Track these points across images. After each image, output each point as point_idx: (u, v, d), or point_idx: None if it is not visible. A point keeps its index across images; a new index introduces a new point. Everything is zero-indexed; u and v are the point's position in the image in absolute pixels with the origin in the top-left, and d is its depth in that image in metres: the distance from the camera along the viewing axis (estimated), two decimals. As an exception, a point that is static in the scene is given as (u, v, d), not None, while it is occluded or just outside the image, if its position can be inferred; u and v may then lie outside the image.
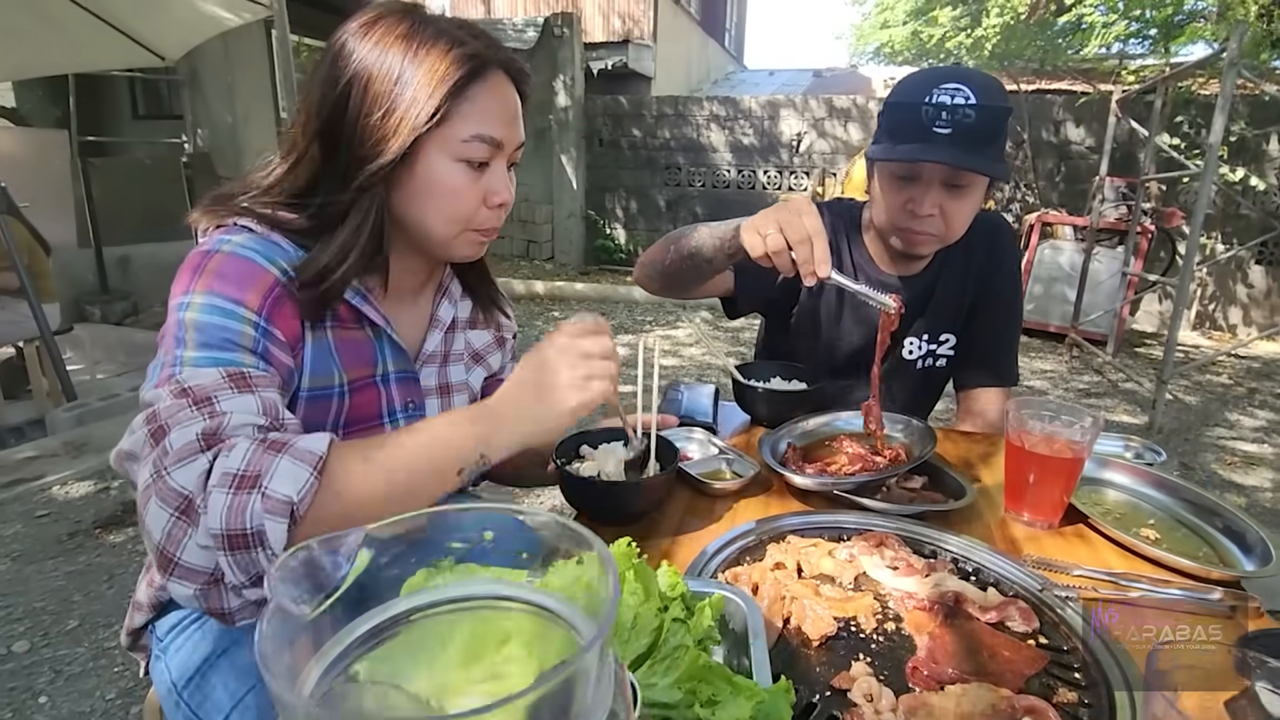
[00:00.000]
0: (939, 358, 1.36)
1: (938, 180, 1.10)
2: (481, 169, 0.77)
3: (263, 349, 0.70)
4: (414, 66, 0.71)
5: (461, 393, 0.95)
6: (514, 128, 0.79)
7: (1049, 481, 0.84)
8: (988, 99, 1.05)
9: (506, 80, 0.78)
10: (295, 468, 0.61)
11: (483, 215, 0.80)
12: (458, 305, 0.96)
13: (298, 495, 0.60)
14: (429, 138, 0.73)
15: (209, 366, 0.66)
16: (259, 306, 0.70)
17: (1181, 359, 4.82)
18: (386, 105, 0.71)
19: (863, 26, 12.60)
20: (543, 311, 6.27)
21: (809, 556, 0.77)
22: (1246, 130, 5.68)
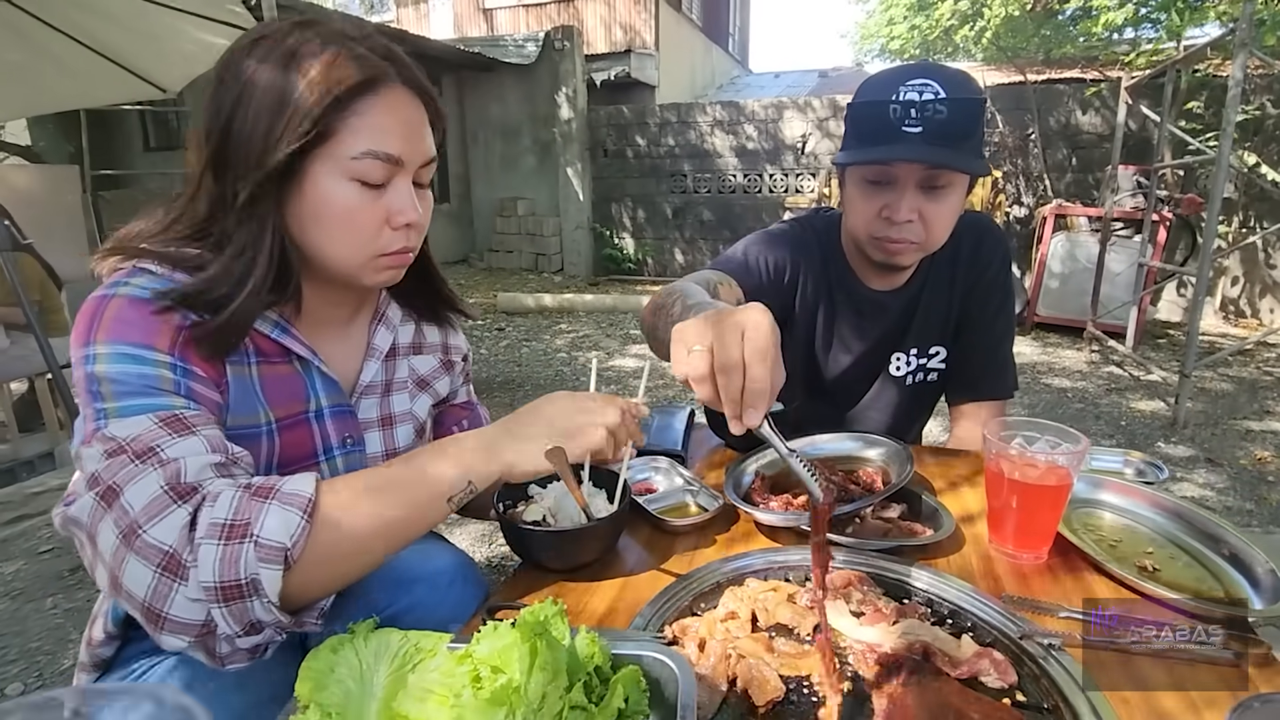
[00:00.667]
0: (930, 372, 1.28)
1: (913, 182, 1.03)
2: (380, 189, 0.72)
3: (186, 389, 0.66)
4: (298, 79, 0.66)
5: (406, 423, 0.90)
6: (415, 143, 0.73)
7: (1033, 511, 0.77)
8: (958, 92, 0.98)
9: (406, 93, 0.72)
10: (285, 512, 0.60)
11: (387, 238, 0.74)
12: (397, 331, 0.90)
13: (290, 540, 0.59)
14: (316, 155, 0.68)
15: (136, 415, 0.62)
16: (169, 347, 0.66)
17: (1206, 349, 4.65)
18: (268, 121, 0.66)
19: (867, 24, 12.54)
20: (551, 324, 6.25)
21: (766, 603, 0.71)
22: (1266, 110, 5.49)
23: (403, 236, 0.75)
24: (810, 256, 1.21)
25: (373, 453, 0.85)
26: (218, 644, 0.61)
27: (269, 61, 0.67)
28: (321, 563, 0.62)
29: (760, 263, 1.18)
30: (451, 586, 0.76)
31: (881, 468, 0.97)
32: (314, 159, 0.68)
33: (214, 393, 0.69)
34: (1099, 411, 3.94)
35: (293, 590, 0.61)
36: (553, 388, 4.47)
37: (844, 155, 1.07)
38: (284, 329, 0.75)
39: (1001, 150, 6.59)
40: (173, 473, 0.60)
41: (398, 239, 0.74)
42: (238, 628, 0.59)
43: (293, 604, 0.63)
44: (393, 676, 0.58)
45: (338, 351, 0.83)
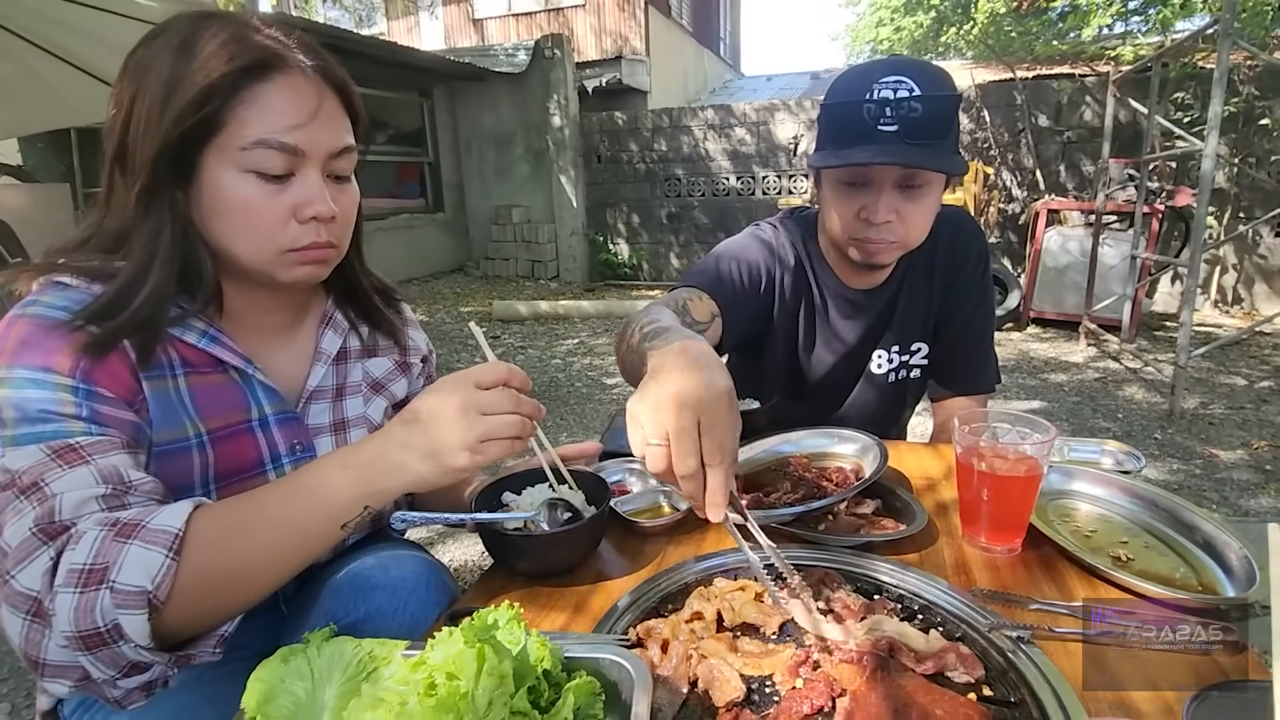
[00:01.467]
0: (912, 369, 1.28)
1: (890, 182, 1.02)
2: (283, 181, 0.68)
3: (89, 412, 0.63)
4: (186, 67, 0.64)
5: (360, 426, 0.88)
6: (318, 132, 0.69)
7: (1004, 503, 0.76)
8: (932, 88, 0.97)
9: (307, 79, 0.69)
10: (147, 553, 0.57)
11: (294, 232, 0.70)
12: (347, 335, 0.88)
13: (153, 583, 0.56)
14: (210, 148, 0.66)
15: (29, 444, 0.60)
16: (71, 369, 0.63)
17: (1202, 339, 4.63)
18: (159, 112, 0.64)
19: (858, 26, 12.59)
20: (547, 331, 6.24)
21: (733, 603, 0.70)
22: (1253, 101, 5.50)
23: (313, 230, 0.71)
24: (786, 259, 1.20)
25: None
26: (101, 688, 0.58)
27: (164, 52, 0.65)
28: (199, 597, 0.59)
29: (734, 272, 1.16)
30: (413, 594, 0.75)
31: (856, 463, 0.96)
32: (209, 152, 0.66)
33: (125, 412, 0.66)
34: (1096, 404, 3.93)
35: (171, 628, 0.59)
36: (546, 394, 4.47)
37: (819, 157, 1.05)
38: (213, 338, 0.73)
39: (993, 147, 6.59)
40: (46, 511, 0.58)
41: (307, 233, 0.70)
42: (112, 672, 0.57)
43: (176, 640, 0.60)
44: (345, 686, 0.57)
45: (281, 358, 0.81)
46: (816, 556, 0.78)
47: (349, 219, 0.76)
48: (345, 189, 0.75)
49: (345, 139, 0.73)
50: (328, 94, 0.71)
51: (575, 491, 0.84)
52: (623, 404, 0.69)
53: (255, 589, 0.63)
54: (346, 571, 0.80)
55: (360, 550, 0.87)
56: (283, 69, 0.67)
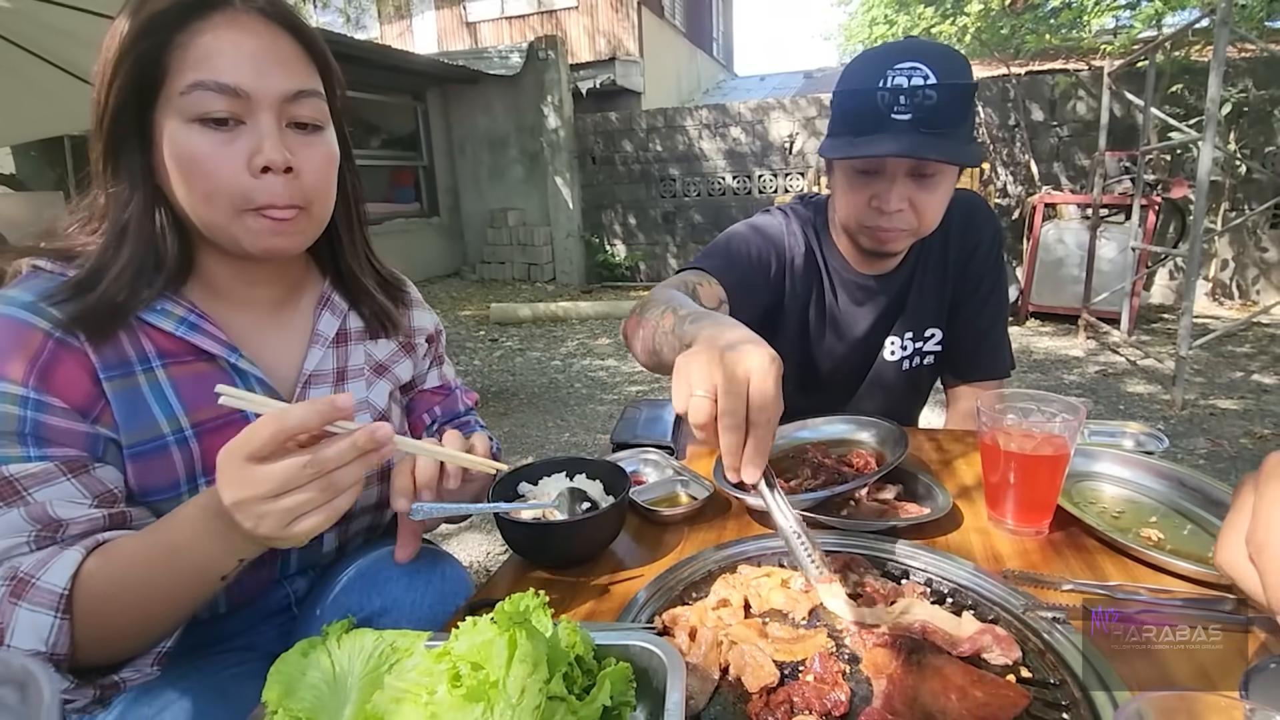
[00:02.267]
0: (926, 355, 1.26)
1: (903, 172, 1.00)
2: (231, 128, 0.64)
3: (33, 428, 0.60)
4: (131, 24, 0.62)
5: (362, 411, 0.84)
6: (264, 73, 0.64)
7: (1031, 483, 0.74)
8: (949, 75, 0.94)
9: (252, 18, 0.65)
10: (35, 616, 0.57)
11: (250, 186, 0.64)
12: (347, 317, 0.84)
13: (46, 644, 0.57)
14: (157, 106, 0.63)
15: None
16: (24, 376, 0.60)
17: (1201, 330, 4.64)
18: (110, 70, 0.62)
19: (850, 25, 12.61)
20: (545, 333, 6.22)
21: (759, 589, 0.69)
22: (1250, 93, 5.52)
23: (271, 186, 0.65)
24: (796, 245, 1.19)
25: None
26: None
27: (122, 17, 0.64)
28: (103, 642, 0.59)
29: (744, 257, 1.14)
30: (429, 585, 0.73)
31: (876, 450, 0.94)
32: (158, 107, 0.64)
33: (78, 424, 0.63)
34: (1098, 397, 3.93)
35: (89, 663, 0.59)
36: (546, 395, 4.45)
37: (830, 146, 1.04)
38: (193, 325, 0.69)
39: (988, 142, 6.60)
40: None
41: (265, 190, 0.65)
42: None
43: (102, 661, 0.61)
44: (367, 678, 0.55)
45: (274, 340, 0.78)
46: (841, 542, 0.76)
47: (320, 176, 0.70)
48: (313, 140, 0.69)
49: (302, 82, 0.67)
50: (278, 32, 0.66)
51: (592, 482, 0.83)
52: (623, 405, 0.67)
53: (155, 630, 0.62)
54: (358, 565, 0.78)
55: (371, 545, 0.84)
56: (222, 7, 0.64)
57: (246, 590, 0.77)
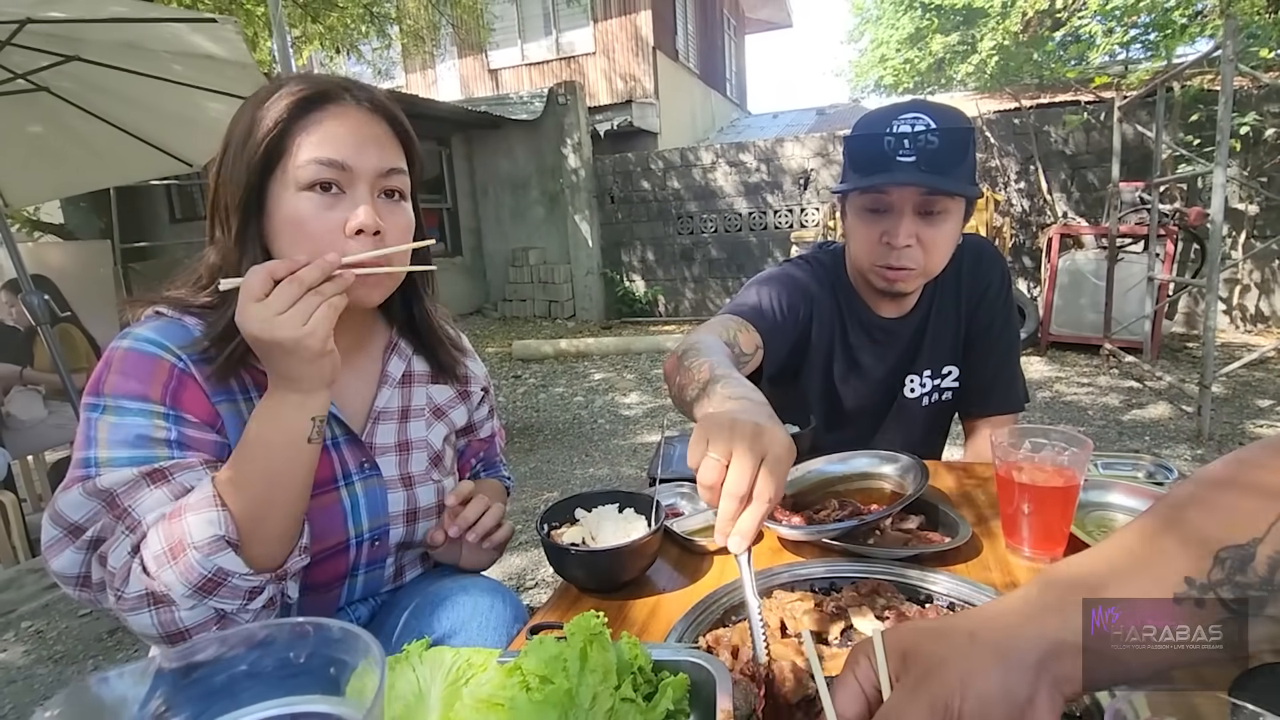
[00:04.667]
0: (944, 392, 1.32)
1: (910, 208, 1.09)
2: (334, 196, 0.76)
3: (177, 436, 0.73)
4: (258, 116, 0.75)
5: (421, 449, 0.94)
6: (364, 151, 0.77)
7: (1043, 512, 0.80)
8: (947, 123, 1.05)
9: (359, 109, 0.78)
10: (201, 516, 0.68)
11: (344, 246, 0.76)
12: (411, 360, 0.96)
13: (223, 528, 0.68)
14: (275, 178, 0.76)
15: (124, 466, 0.70)
16: (162, 396, 0.73)
17: (1226, 359, 4.61)
18: (237, 153, 0.75)
19: (860, 62, 12.87)
20: (566, 369, 6.33)
21: (794, 612, 0.75)
22: (1262, 122, 5.56)
23: (360, 245, 0.76)
24: (820, 292, 1.27)
25: (389, 476, 0.90)
26: (236, 619, 0.71)
27: (248, 107, 0.77)
28: (256, 523, 0.71)
29: (774, 305, 1.21)
30: (493, 609, 0.80)
31: (898, 482, 1.00)
32: (273, 180, 0.76)
33: (208, 434, 0.77)
34: (1122, 427, 3.92)
35: (257, 553, 0.71)
36: (570, 431, 4.53)
37: (843, 184, 1.14)
38: None
39: (1001, 174, 6.69)
40: (139, 539, 0.69)
41: (355, 247, 0.76)
42: (238, 603, 0.70)
43: (269, 561, 0.73)
44: (448, 690, 0.62)
45: (344, 382, 0.89)
46: (869, 569, 0.82)
47: (401, 239, 0.81)
48: (397, 209, 0.81)
49: (393, 161, 0.80)
50: (377, 121, 0.80)
51: (638, 516, 0.90)
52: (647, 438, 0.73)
53: (286, 516, 0.74)
54: (425, 593, 0.86)
55: (426, 577, 0.93)
56: (337, 100, 0.77)
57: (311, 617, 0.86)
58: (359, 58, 9.33)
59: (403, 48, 10.00)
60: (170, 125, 3.97)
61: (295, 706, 0.31)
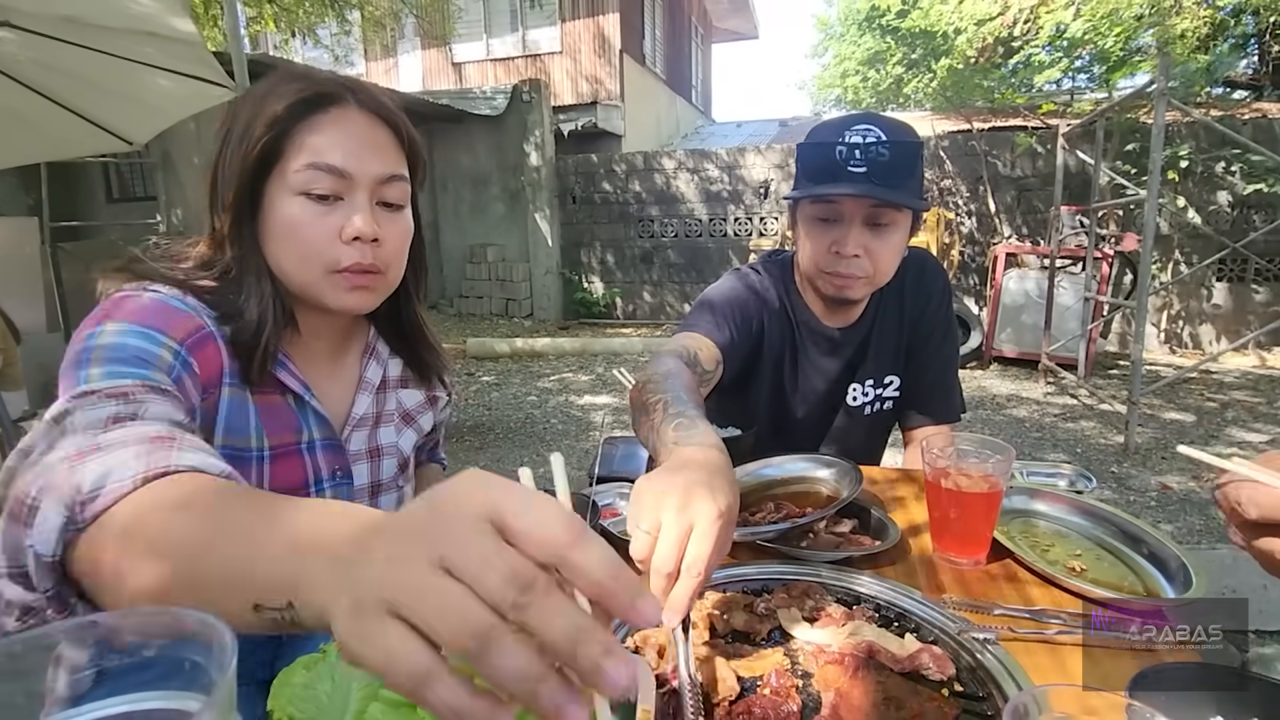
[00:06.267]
0: (885, 401, 1.35)
1: (859, 219, 1.12)
2: (331, 203, 0.74)
3: (177, 375, 0.66)
4: (258, 111, 0.72)
5: (390, 456, 0.92)
6: (364, 158, 0.75)
7: (969, 518, 0.82)
8: (897, 136, 1.08)
9: (362, 114, 0.76)
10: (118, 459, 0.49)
11: (338, 251, 0.74)
12: (387, 365, 0.93)
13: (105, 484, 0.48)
14: (271, 179, 0.73)
15: (121, 379, 0.61)
16: (182, 338, 0.68)
17: (1152, 378, 4.86)
18: (233, 150, 0.73)
19: (823, 77, 13.14)
20: (521, 368, 6.27)
21: (724, 612, 0.75)
22: (1193, 156, 5.89)
23: (356, 251, 0.75)
24: (771, 302, 1.28)
25: (359, 485, 0.87)
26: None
27: (245, 103, 0.74)
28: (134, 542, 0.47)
29: (730, 317, 1.22)
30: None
31: (834, 486, 1.02)
32: (270, 181, 0.73)
33: (198, 396, 0.70)
34: (1056, 440, 4.08)
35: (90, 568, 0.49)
36: (522, 431, 4.48)
37: (796, 191, 1.16)
38: (281, 363, 0.78)
39: (952, 193, 6.91)
40: (131, 410, 0.58)
41: (350, 253, 0.74)
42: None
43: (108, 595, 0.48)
44: (365, 690, 0.60)
45: (327, 385, 0.86)
46: (800, 571, 0.83)
47: (398, 246, 0.80)
48: (395, 217, 0.79)
49: (393, 167, 0.78)
50: (380, 126, 0.77)
51: None
52: (598, 441, 0.72)
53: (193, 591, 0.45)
54: None
55: None
56: (339, 103, 0.74)
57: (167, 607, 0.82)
58: (315, 42, 9.07)
59: (363, 35, 9.77)
60: (110, 101, 3.79)
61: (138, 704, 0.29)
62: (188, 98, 3.80)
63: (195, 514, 0.47)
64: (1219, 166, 5.98)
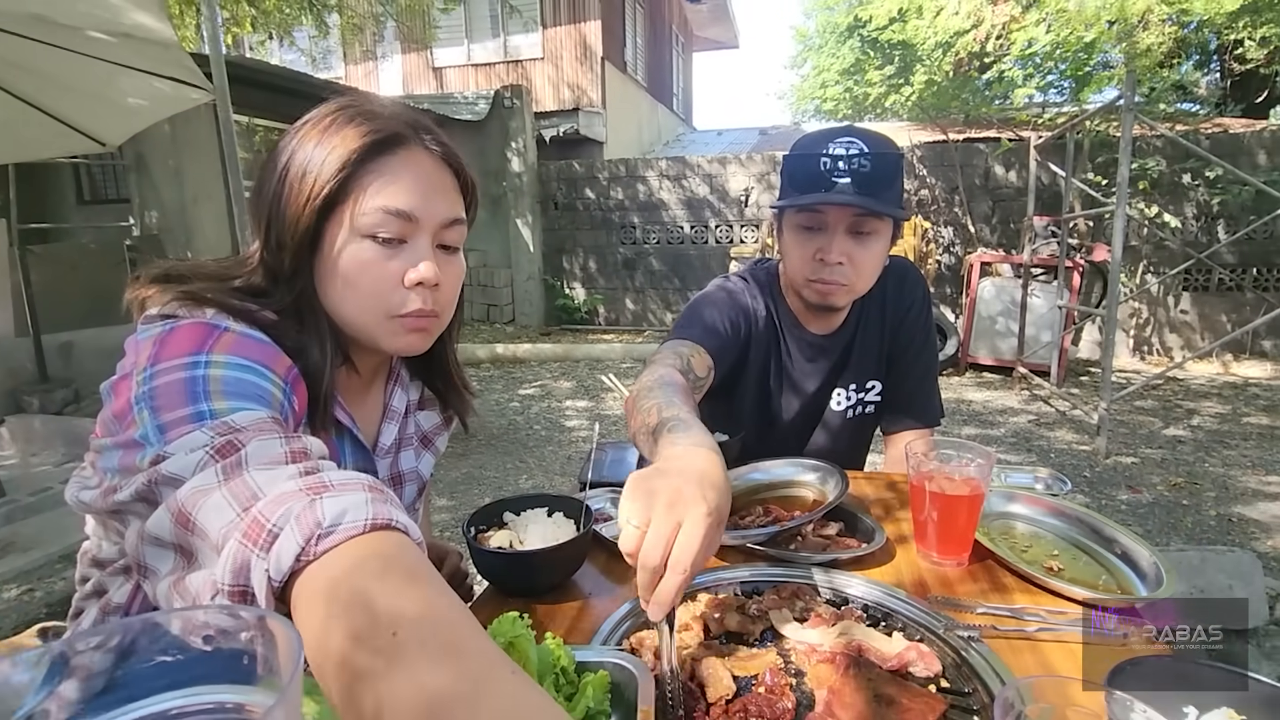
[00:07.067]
0: (868, 405, 1.38)
1: (843, 227, 1.15)
2: (395, 246, 0.72)
3: (287, 415, 0.64)
4: (323, 148, 0.70)
5: (412, 482, 0.91)
6: (431, 201, 0.73)
7: (951, 520, 0.85)
8: (879, 149, 1.11)
9: (424, 154, 0.74)
10: (351, 499, 0.49)
11: (401, 296, 0.73)
12: (409, 389, 0.92)
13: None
14: (334, 217, 0.71)
15: (252, 412, 0.57)
16: (285, 375, 0.66)
17: (1122, 385, 4.98)
18: (296, 190, 0.70)
19: (802, 87, 13.30)
20: (504, 374, 6.25)
21: (718, 614, 0.77)
22: (1160, 168, 6.07)
23: (419, 297, 0.73)
24: (758, 308, 1.31)
25: None
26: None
27: (307, 135, 0.72)
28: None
29: (720, 323, 1.24)
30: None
31: (820, 490, 1.04)
32: (333, 220, 0.71)
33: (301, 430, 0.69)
34: (1030, 445, 4.17)
35: None
36: (505, 437, 4.47)
37: (782, 200, 1.19)
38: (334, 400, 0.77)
39: (930, 203, 7.03)
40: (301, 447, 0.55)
41: (413, 299, 0.73)
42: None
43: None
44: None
45: (361, 414, 0.84)
46: (790, 573, 0.85)
47: (453, 289, 0.79)
48: (453, 260, 0.78)
49: (456, 211, 0.77)
50: (445, 170, 0.77)
51: (567, 520, 0.90)
52: (583, 446, 0.72)
53: None
54: None
55: None
56: (407, 145, 0.73)
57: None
58: (292, 44, 8.99)
59: (342, 39, 9.69)
60: (82, 102, 3.72)
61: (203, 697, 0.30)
62: (163, 100, 3.74)
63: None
64: (1185, 179, 6.17)
